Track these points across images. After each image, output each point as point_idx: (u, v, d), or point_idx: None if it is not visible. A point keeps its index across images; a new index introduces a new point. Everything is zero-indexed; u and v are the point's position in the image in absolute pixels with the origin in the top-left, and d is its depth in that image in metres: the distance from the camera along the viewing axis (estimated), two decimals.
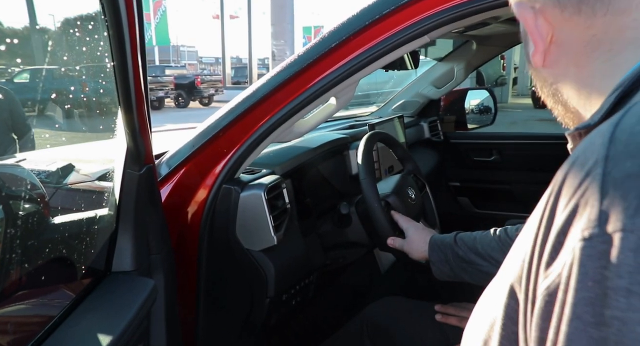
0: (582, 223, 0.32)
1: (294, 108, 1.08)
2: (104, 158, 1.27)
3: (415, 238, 1.21)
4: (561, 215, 0.34)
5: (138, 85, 0.78)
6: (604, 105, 0.43)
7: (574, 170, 0.35)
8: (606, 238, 0.30)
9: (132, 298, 0.87)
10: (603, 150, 0.34)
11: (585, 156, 0.35)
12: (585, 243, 0.31)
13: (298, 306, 1.34)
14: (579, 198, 0.33)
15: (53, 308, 0.86)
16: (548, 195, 0.37)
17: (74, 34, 0.84)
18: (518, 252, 0.40)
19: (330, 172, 1.60)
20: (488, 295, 0.46)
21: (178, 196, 1.17)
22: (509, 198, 2.38)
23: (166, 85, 18.00)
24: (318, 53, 1.05)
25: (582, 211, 0.32)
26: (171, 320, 1.03)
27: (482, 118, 2.60)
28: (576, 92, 0.50)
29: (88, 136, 1.52)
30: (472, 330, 0.46)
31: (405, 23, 0.98)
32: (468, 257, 1.11)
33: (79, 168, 1.23)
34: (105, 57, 0.78)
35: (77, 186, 1.17)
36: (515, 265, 0.39)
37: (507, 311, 0.39)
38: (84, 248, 0.91)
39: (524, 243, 0.38)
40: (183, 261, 1.14)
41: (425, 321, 1.21)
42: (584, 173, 0.34)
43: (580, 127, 0.45)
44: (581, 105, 0.50)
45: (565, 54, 0.48)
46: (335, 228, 1.40)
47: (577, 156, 0.36)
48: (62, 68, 0.98)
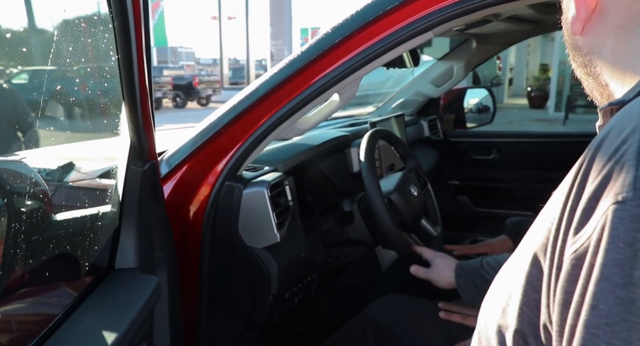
0: (616, 187, 0.32)
1: (297, 105, 1.07)
2: (105, 157, 1.26)
3: (440, 266, 1.21)
4: (593, 182, 0.34)
5: (142, 79, 0.77)
6: (639, 84, 0.42)
7: (610, 138, 0.35)
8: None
9: (136, 296, 0.86)
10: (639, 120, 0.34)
11: (622, 124, 0.35)
12: (618, 206, 0.31)
13: (300, 304, 1.34)
14: (614, 164, 0.33)
15: (56, 306, 0.86)
16: (578, 165, 0.37)
17: (74, 32, 0.84)
18: (542, 223, 0.40)
19: (332, 169, 1.59)
20: (505, 271, 0.47)
21: (180, 193, 1.16)
22: (508, 196, 2.38)
23: (164, 86, 17.98)
24: (321, 49, 1.04)
25: (616, 176, 0.33)
26: (174, 318, 1.02)
27: (481, 117, 2.60)
28: (610, 66, 0.48)
29: (88, 135, 1.51)
30: (490, 301, 0.47)
31: (409, 19, 0.98)
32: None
33: (80, 166, 1.23)
34: (106, 56, 0.78)
35: (78, 184, 1.16)
36: (539, 236, 0.39)
37: (528, 278, 0.39)
38: (87, 245, 0.90)
39: (550, 214, 0.38)
40: (185, 259, 1.14)
41: (428, 318, 1.20)
42: (620, 141, 0.34)
43: (614, 103, 0.44)
44: (614, 80, 0.49)
45: (606, 25, 0.47)
46: (337, 226, 1.40)
47: (613, 125, 0.36)
48: (62, 67, 0.97)
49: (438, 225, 1.53)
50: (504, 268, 0.48)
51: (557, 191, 0.40)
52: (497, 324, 0.43)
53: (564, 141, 2.32)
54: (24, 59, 0.90)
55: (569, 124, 10.55)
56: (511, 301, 0.41)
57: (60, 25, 0.82)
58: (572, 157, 1.75)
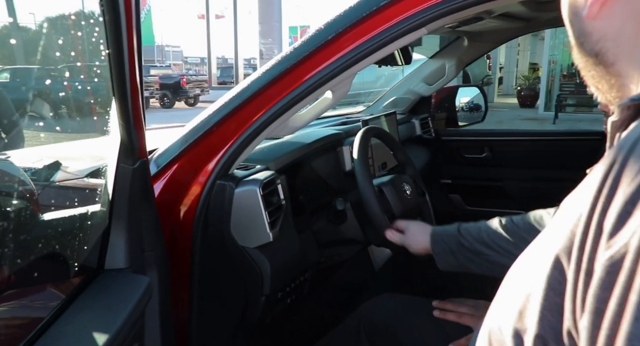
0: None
1: (289, 102, 1.06)
2: (94, 156, 1.24)
3: (415, 231, 1.20)
4: (629, 185, 0.32)
5: (133, 74, 0.76)
6: None
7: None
8: None
9: (127, 296, 0.84)
10: None
11: None
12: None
13: (293, 304, 1.33)
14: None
15: (44, 307, 0.84)
16: (608, 167, 0.35)
17: (60, 31, 0.82)
18: (563, 223, 0.38)
19: (324, 168, 1.58)
20: (520, 268, 0.45)
21: (170, 193, 1.15)
22: (500, 195, 2.39)
23: (151, 85, 17.86)
24: (314, 46, 1.03)
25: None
26: (165, 319, 1.00)
27: (473, 116, 2.60)
28: (627, 54, 0.45)
29: (76, 135, 1.48)
30: (502, 303, 0.45)
31: (403, 15, 0.97)
32: (474, 247, 1.09)
33: (68, 165, 1.21)
34: (95, 52, 0.76)
35: (66, 183, 1.14)
36: (562, 237, 0.37)
37: (550, 281, 0.37)
38: (76, 245, 0.88)
39: (574, 216, 0.37)
40: (176, 259, 1.12)
41: (422, 317, 1.20)
42: None
43: (636, 98, 0.41)
44: (630, 71, 0.45)
45: (626, 10, 0.44)
46: (329, 225, 1.39)
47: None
48: (47, 66, 0.95)
49: (432, 224, 1.52)
50: (517, 267, 0.46)
51: (579, 191, 0.38)
52: (513, 327, 0.41)
53: (555, 139, 2.33)
54: (7, 58, 0.88)
55: (559, 123, 10.64)
56: (530, 304, 0.39)
57: (47, 20, 0.80)
58: (563, 156, 1.76)
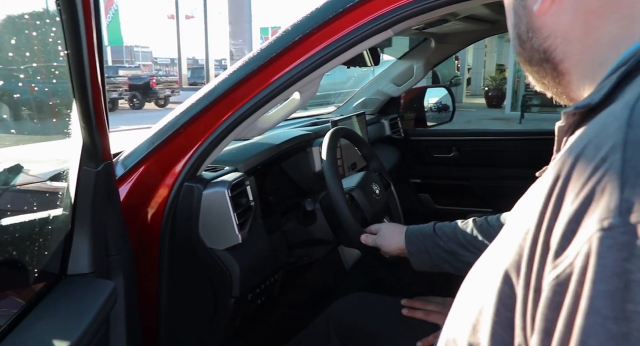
0: (599, 212, 0.30)
1: (257, 103, 1.06)
2: (56, 159, 1.21)
3: (388, 232, 1.19)
4: (573, 203, 0.32)
5: (94, 74, 0.74)
6: (606, 84, 0.39)
7: (587, 155, 0.33)
8: (629, 228, 0.28)
9: (90, 301, 0.82)
10: (621, 135, 0.32)
11: (600, 140, 0.33)
12: (604, 233, 0.29)
13: (263, 306, 1.32)
14: (595, 185, 0.31)
15: (2, 316, 0.81)
16: (553, 180, 0.34)
17: (20, 31, 0.79)
18: (513, 237, 0.37)
19: (294, 169, 1.58)
20: (474, 280, 0.44)
21: (137, 195, 1.13)
22: (468, 193, 2.43)
23: (120, 86, 17.53)
24: (281, 47, 1.03)
25: (598, 199, 0.30)
26: (131, 324, 0.98)
27: (441, 116, 2.64)
28: (576, 53, 0.44)
29: (37, 137, 1.44)
30: (457, 314, 0.44)
31: (369, 16, 0.98)
32: (449, 247, 1.09)
33: (29, 169, 1.17)
34: (54, 52, 0.74)
35: (27, 187, 1.10)
36: (510, 251, 0.36)
37: (500, 296, 0.37)
38: (36, 251, 0.86)
39: (521, 229, 0.36)
40: (143, 262, 1.10)
41: (391, 316, 1.21)
42: (599, 159, 0.32)
43: (580, 106, 0.41)
44: (577, 70, 0.45)
45: (576, 7, 0.42)
46: (299, 226, 1.39)
47: (589, 139, 0.34)
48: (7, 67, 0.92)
49: (401, 223, 1.54)
50: (470, 279, 0.45)
51: (526, 202, 0.37)
52: (467, 342, 0.41)
53: (520, 139, 2.38)
54: None
55: (525, 123, 10.89)
56: (482, 318, 0.39)
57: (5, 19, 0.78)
58: (528, 154, 1.81)
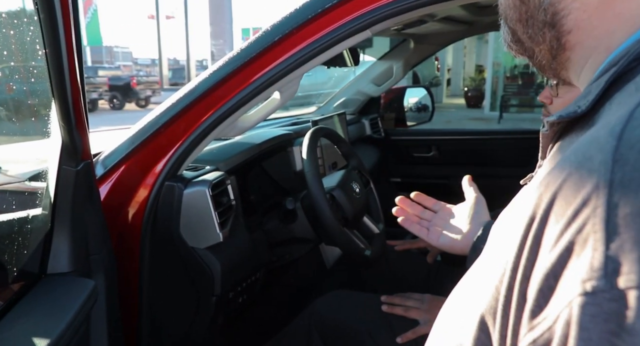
0: (581, 270, 0.24)
1: (238, 102, 1.06)
2: (35, 159, 1.20)
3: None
4: (551, 252, 0.27)
5: (73, 74, 0.74)
6: (594, 88, 0.34)
7: (566, 193, 0.27)
8: (616, 294, 0.23)
9: (70, 300, 0.82)
10: (606, 173, 0.26)
11: (581, 175, 0.27)
12: (587, 299, 0.24)
13: (245, 304, 1.33)
14: (575, 235, 0.26)
15: None
16: (529, 218, 0.29)
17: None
18: (490, 275, 0.32)
19: (275, 168, 1.59)
20: (452, 315, 0.38)
21: (117, 195, 1.12)
22: (447, 192, 2.46)
23: (100, 86, 17.33)
24: (261, 47, 1.04)
25: (579, 252, 0.25)
26: (113, 322, 0.98)
27: (421, 116, 2.67)
28: (590, 25, 0.36)
29: (15, 138, 1.43)
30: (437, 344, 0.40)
31: (347, 17, 0.99)
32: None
33: (7, 169, 1.16)
34: (32, 51, 0.74)
35: (6, 187, 1.10)
36: (487, 293, 0.32)
37: (476, 344, 0.33)
38: (14, 250, 0.85)
39: (498, 268, 0.31)
40: (125, 261, 1.10)
41: (371, 312, 1.23)
42: (580, 201, 0.26)
43: (564, 115, 0.35)
44: (583, 50, 0.38)
45: None
46: (280, 225, 1.40)
47: (569, 172, 0.28)
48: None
49: (380, 222, 1.56)
50: (449, 309, 0.40)
51: (503, 237, 0.32)
52: None
53: (498, 138, 2.43)
54: None
55: (503, 122, 11.05)
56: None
57: None
58: (506, 153, 1.85)
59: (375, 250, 1.37)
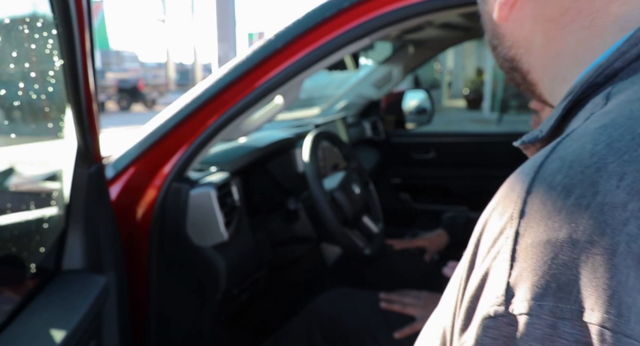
0: (489, 296, 0.27)
1: (242, 106, 1.11)
2: (50, 161, 1.25)
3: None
4: (476, 276, 0.29)
5: (87, 83, 0.79)
6: (554, 114, 0.35)
7: (493, 220, 0.29)
8: (511, 319, 0.25)
9: (84, 295, 0.87)
10: (520, 203, 0.28)
11: (504, 205, 0.29)
12: (489, 322, 0.26)
13: (248, 301, 1.37)
14: (491, 262, 0.28)
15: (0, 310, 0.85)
16: (474, 241, 0.31)
17: (16, 38, 0.84)
18: (449, 294, 0.34)
19: (278, 170, 1.64)
20: (429, 327, 0.40)
21: (127, 195, 1.17)
22: (445, 193, 2.51)
23: (108, 88, 17.51)
24: (265, 54, 1.09)
25: (491, 279, 0.27)
26: (122, 318, 1.03)
27: (420, 118, 2.71)
28: (539, 64, 0.40)
29: (33, 139, 1.48)
30: None
31: (347, 26, 1.04)
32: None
33: (24, 170, 1.21)
34: (50, 61, 0.79)
35: (23, 188, 1.14)
36: (447, 309, 0.34)
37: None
38: (32, 248, 0.90)
39: (451, 292, 0.33)
40: (134, 259, 1.15)
41: (370, 309, 1.27)
42: (498, 230, 0.28)
43: (527, 141, 0.37)
44: (544, 82, 0.41)
45: (534, 15, 0.39)
46: (283, 224, 1.45)
47: (497, 202, 0.30)
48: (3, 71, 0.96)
49: (379, 221, 1.60)
50: (428, 325, 0.41)
51: (461, 261, 0.33)
52: None
53: (496, 141, 2.47)
54: None
55: (503, 124, 11.06)
56: None
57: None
58: (502, 155, 1.90)
59: (374, 248, 1.42)
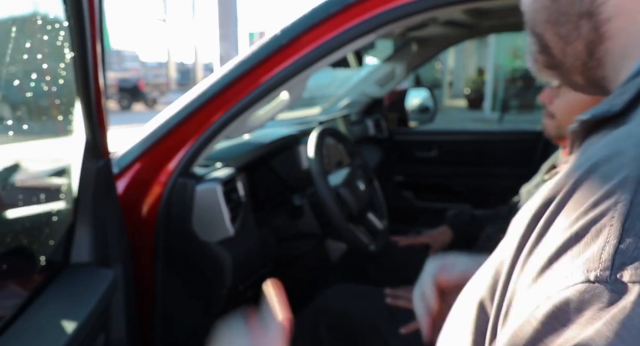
0: (587, 258, 0.25)
1: (248, 102, 1.12)
2: (58, 156, 1.26)
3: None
4: (561, 234, 0.27)
5: (97, 76, 0.80)
6: (630, 88, 0.32)
7: (590, 184, 0.27)
8: (619, 287, 0.23)
9: (93, 288, 0.88)
10: (636, 169, 0.25)
11: (609, 169, 0.27)
12: (587, 287, 0.24)
13: (253, 297, 1.38)
14: (590, 223, 0.25)
15: (10, 300, 0.86)
16: (546, 199, 0.30)
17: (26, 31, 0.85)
18: (491, 263, 0.34)
19: (282, 166, 1.64)
20: (459, 307, 0.39)
21: (132, 191, 1.18)
22: (448, 191, 2.52)
23: (108, 88, 17.53)
24: (271, 50, 1.09)
25: (589, 241, 0.25)
26: (129, 311, 1.04)
27: (423, 117, 2.72)
28: (634, 14, 0.34)
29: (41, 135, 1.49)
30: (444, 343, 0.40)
31: (352, 21, 1.05)
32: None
33: (33, 165, 1.22)
34: (59, 55, 0.79)
35: (32, 183, 1.15)
36: (488, 277, 0.34)
37: (476, 324, 0.34)
38: (41, 241, 0.91)
39: (502, 254, 0.33)
40: (140, 254, 1.16)
41: (375, 304, 1.27)
42: (603, 192, 0.26)
43: (597, 115, 0.34)
44: (626, 37, 0.35)
45: None
46: (288, 220, 1.45)
47: (595, 164, 0.28)
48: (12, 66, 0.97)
49: (384, 218, 1.61)
50: (457, 305, 0.40)
51: (515, 225, 0.33)
52: None
53: (498, 139, 2.48)
54: None
55: (504, 124, 11.05)
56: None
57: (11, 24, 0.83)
58: (505, 153, 1.91)
59: (379, 244, 1.42)
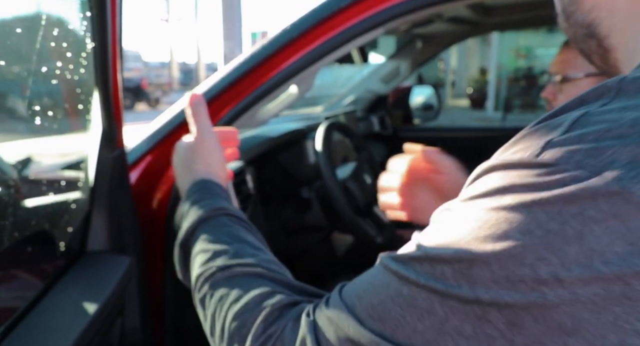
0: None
1: (257, 95, 1.14)
2: (75, 149, 1.28)
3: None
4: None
5: (116, 67, 0.82)
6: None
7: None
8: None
9: (111, 274, 0.90)
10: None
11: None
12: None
13: None
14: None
15: (29, 289, 0.88)
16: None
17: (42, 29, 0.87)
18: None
19: (290, 160, 1.66)
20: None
21: (144, 182, 1.20)
22: None
23: None
24: (281, 44, 1.11)
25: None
26: (142, 299, 1.06)
27: (427, 114, 2.74)
28: (623, 26, 0.39)
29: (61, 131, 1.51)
30: None
31: (361, 16, 1.07)
32: None
33: (49, 157, 1.24)
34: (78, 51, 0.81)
35: (49, 175, 1.17)
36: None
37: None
38: (59, 230, 0.93)
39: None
40: (151, 243, 1.18)
41: None
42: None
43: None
44: (625, 45, 0.39)
45: None
46: (295, 213, 1.47)
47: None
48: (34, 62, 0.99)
49: None
50: None
51: None
52: None
53: (501, 135, 2.49)
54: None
55: (507, 123, 11.08)
56: None
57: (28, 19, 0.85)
58: None
59: (386, 237, 1.44)
